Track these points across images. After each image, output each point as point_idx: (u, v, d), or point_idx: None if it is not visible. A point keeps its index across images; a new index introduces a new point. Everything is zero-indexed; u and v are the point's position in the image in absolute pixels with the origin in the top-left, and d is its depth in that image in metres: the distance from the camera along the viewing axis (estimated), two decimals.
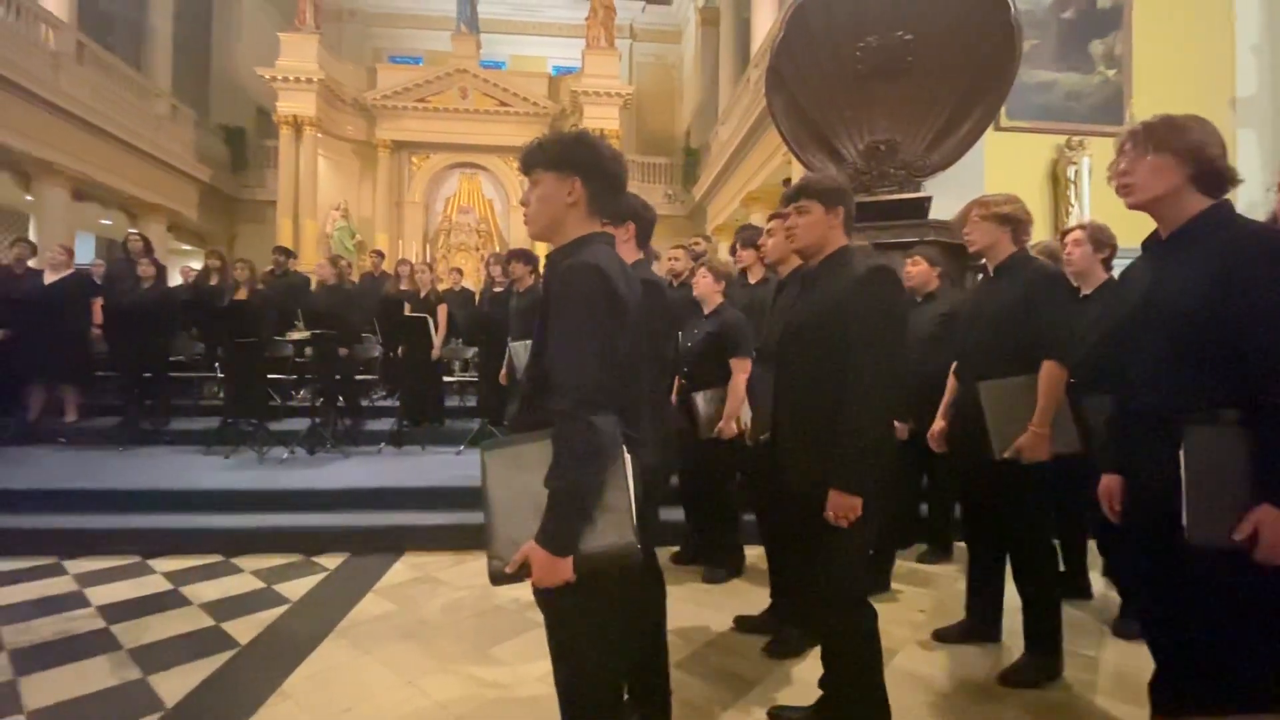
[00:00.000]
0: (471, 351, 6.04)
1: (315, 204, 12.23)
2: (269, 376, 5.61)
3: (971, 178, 4.35)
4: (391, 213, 13.32)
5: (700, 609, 2.74)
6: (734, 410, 2.85)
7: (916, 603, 2.83)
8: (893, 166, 4.38)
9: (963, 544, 2.55)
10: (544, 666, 2.15)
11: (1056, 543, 2.34)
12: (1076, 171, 5.47)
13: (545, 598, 1.27)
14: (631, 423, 1.25)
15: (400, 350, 5.57)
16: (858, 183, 4.23)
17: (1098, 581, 2.89)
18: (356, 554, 3.39)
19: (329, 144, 12.60)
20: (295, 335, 5.31)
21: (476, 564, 3.25)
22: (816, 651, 2.08)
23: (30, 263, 5.55)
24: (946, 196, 3.92)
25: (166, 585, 2.97)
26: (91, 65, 10.11)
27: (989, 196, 2.24)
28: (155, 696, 2.05)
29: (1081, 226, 2.78)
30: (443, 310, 5.81)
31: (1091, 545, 2.84)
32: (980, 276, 2.50)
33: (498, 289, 5.47)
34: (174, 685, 2.11)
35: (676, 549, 3.29)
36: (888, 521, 2.34)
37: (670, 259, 3.50)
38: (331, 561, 3.30)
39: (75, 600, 2.80)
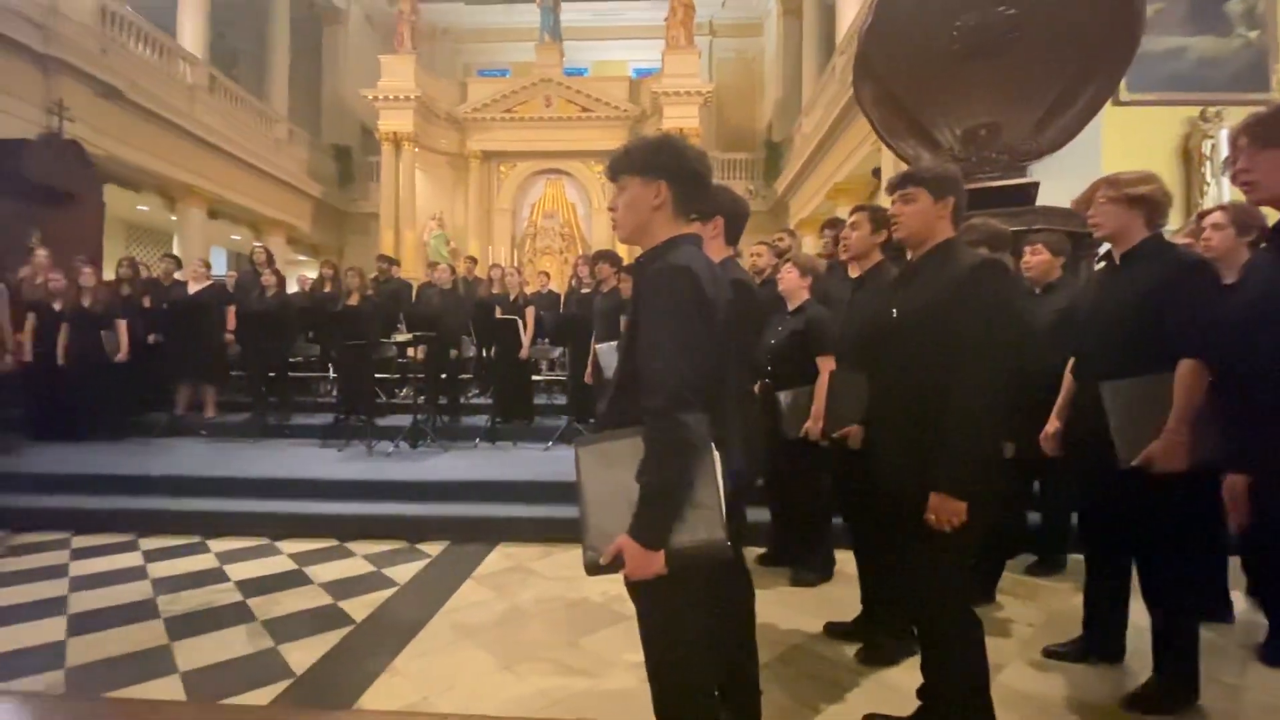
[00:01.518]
0: (558, 351, 6.24)
1: (414, 214, 13.02)
2: (376, 376, 6.03)
3: (1087, 159, 4.00)
4: (482, 220, 13.95)
5: (789, 611, 2.70)
6: (821, 409, 2.78)
7: (1024, 616, 2.65)
8: (995, 151, 4.11)
9: (1077, 555, 2.36)
10: (634, 658, 2.21)
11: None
12: (1213, 146, 4.91)
13: (637, 591, 1.30)
14: (720, 422, 1.26)
15: (492, 351, 5.84)
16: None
17: (1240, 603, 2.59)
18: (455, 542, 3.59)
19: (425, 157, 13.37)
20: (399, 337, 5.69)
21: (565, 556, 3.36)
22: (912, 660, 2.00)
23: (176, 275, 6.27)
24: (1059, 180, 3.64)
25: (292, 565, 3.27)
26: (221, 96, 11.27)
27: (1120, 175, 2.01)
28: (286, 665, 2.27)
29: (1223, 208, 2.48)
30: (530, 312, 6.04)
31: (1234, 563, 2.55)
32: (1099, 265, 2.30)
33: (584, 290, 5.61)
34: (301, 656, 2.33)
35: (763, 550, 3.26)
36: (994, 529, 2.20)
37: (752, 255, 3.46)
38: (433, 549, 3.51)
39: (216, 575, 3.13)
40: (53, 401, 5.40)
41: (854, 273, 2.99)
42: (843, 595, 2.85)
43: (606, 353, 4.21)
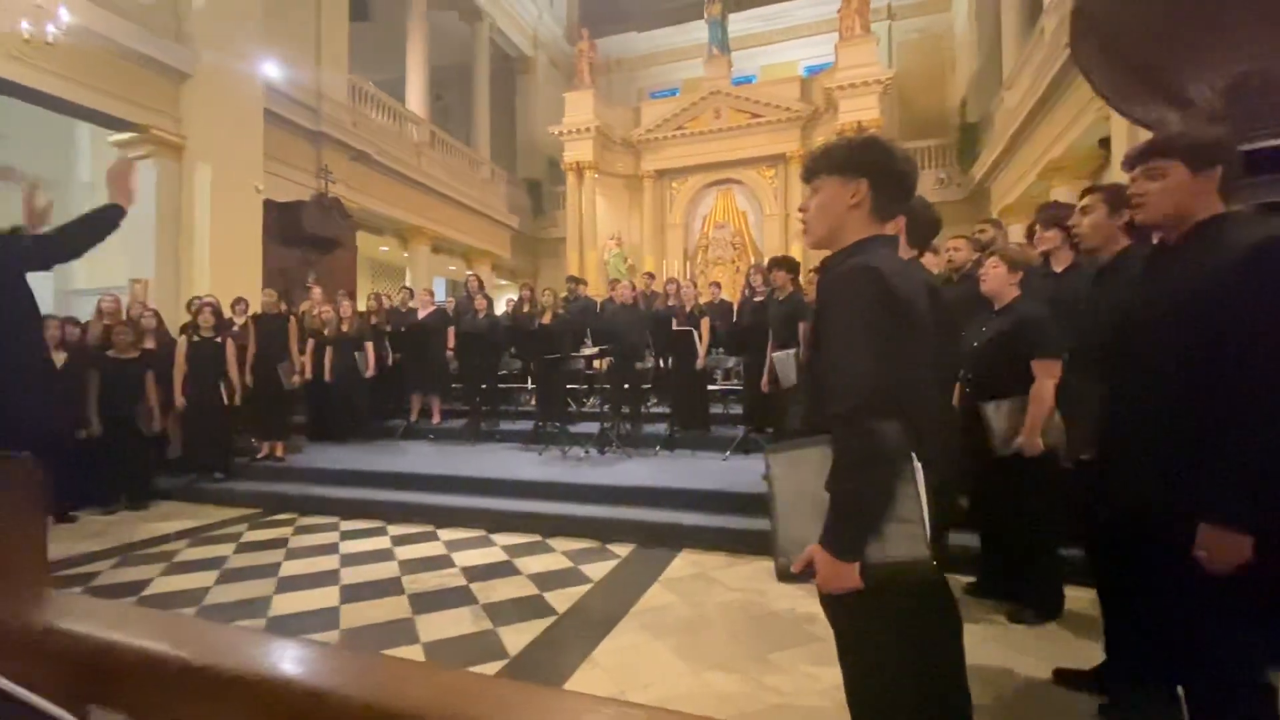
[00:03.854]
0: (733, 361, 6.25)
1: (595, 236, 13.95)
2: (568, 386, 6.56)
3: None
4: (656, 236, 14.48)
5: (1006, 651, 2.40)
6: (1038, 422, 2.44)
7: None
8: (1272, 103, 3.29)
9: None
10: (828, 679, 2.13)
11: None
12: None
13: (834, 608, 1.26)
14: (918, 432, 1.18)
15: (670, 361, 6.03)
16: None
17: None
18: (642, 546, 3.76)
19: (604, 182, 14.27)
20: (585, 351, 6.13)
21: (748, 568, 3.34)
22: None
23: (409, 303, 7.43)
24: None
25: (503, 556, 3.67)
26: (440, 149, 13.14)
27: None
28: (502, 646, 2.55)
29: None
30: (705, 323, 6.12)
31: None
32: None
33: (757, 299, 5.56)
34: (514, 639, 2.61)
35: (971, 579, 2.94)
36: None
37: (950, 249, 3.15)
38: (622, 550, 3.71)
39: (445, 561, 3.63)
40: (323, 410, 6.68)
41: (1057, 266, 2.61)
42: (1073, 637, 2.47)
43: (783, 361, 4.13)
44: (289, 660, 0.64)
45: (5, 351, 2.07)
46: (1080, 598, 2.61)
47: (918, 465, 1.15)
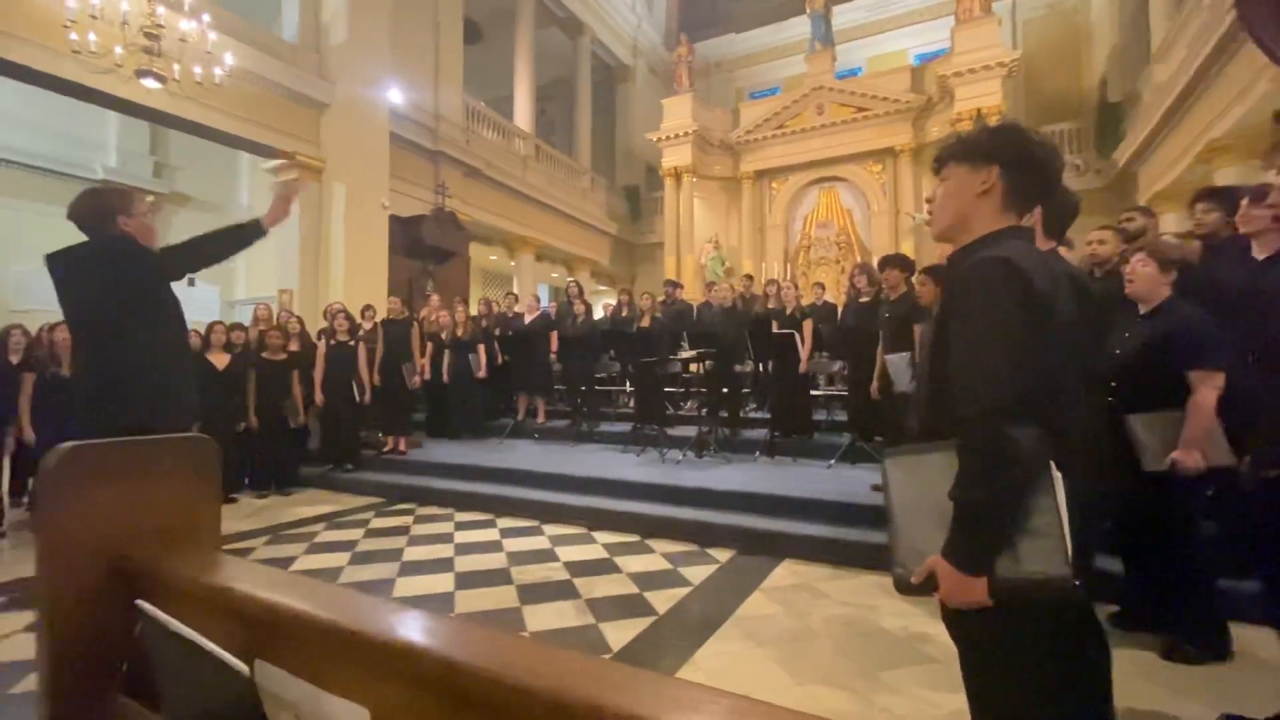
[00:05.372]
0: (837, 365, 6.02)
1: (692, 240, 13.95)
2: (665, 390, 6.60)
3: None
4: (754, 238, 14.25)
5: (1161, 691, 2.13)
6: (1197, 437, 2.16)
7: None
8: None
9: None
10: (948, 704, 2.00)
11: None
12: None
13: (959, 625, 1.18)
14: (1060, 441, 1.08)
15: (770, 365, 5.90)
16: None
17: None
18: (741, 552, 3.70)
19: (701, 185, 14.25)
20: (683, 354, 6.14)
21: (855, 582, 3.20)
22: None
23: (515, 309, 7.80)
24: None
25: (604, 554, 3.75)
26: (543, 160, 13.71)
27: None
28: (604, 641, 2.61)
29: None
30: (808, 325, 5.94)
31: None
32: None
33: (863, 299, 5.32)
34: (615, 635, 2.65)
35: (1117, 609, 2.63)
36: None
37: (1091, 243, 2.85)
38: (721, 555, 3.68)
39: (550, 555, 3.76)
40: (440, 409, 7.15)
41: (1260, 251, 2.28)
42: (1242, 680, 2.16)
43: (897, 365, 3.92)
44: (425, 630, 0.69)
45: (153, 350, 2.36)
46: (1251, 637, 2.28)
47: (1057, 475, 1.05)
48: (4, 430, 4.42)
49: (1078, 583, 1.03)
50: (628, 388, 7.54)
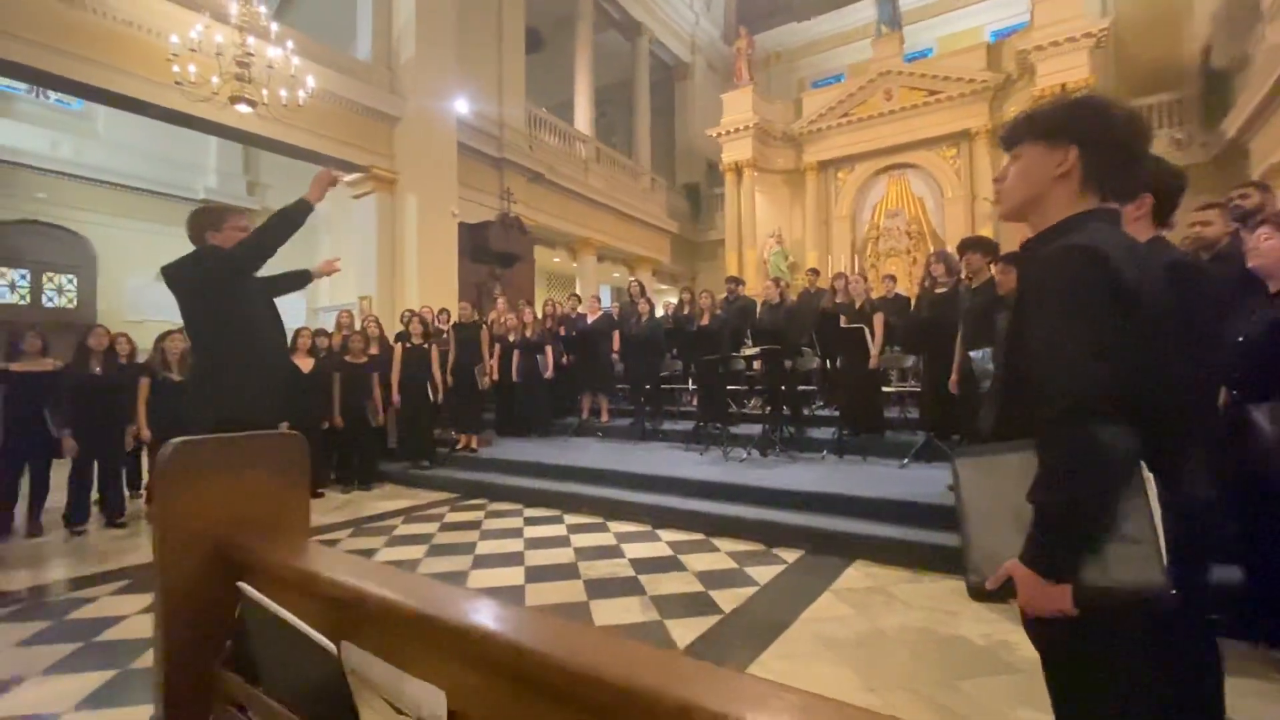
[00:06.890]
0: (911, 360, 5.78)
1: (755, 235, 13.74)
2: (728, 387, 6.54)
3: None
4: (819, 230, 13.88)
5: None
6: None
7: None
8: None
9: None
10: (1031, 717, 1.88)
11: None
12: None
13: (1042, 636, 1.11)
14: (1159, 442, 0.99)
15: (839, 361, 5.74)
16: None
17: None
18: (811, 553, 3.62)
19: (763, 179, 14.01)
20: (746, 351, 6.06)
21: (932, 586, 3.06)
22: None
23: (579, 309, 7.92)
24: None
25: (669, 551, 3.76)
26: (605, 163, 13.86)
27: None
28: (670, 638, 2.61)
29: None
30: (878, 319, 5.73)
31: None
32: None
33: (939, 289, 5.08)
34: (681, 632, 2.65)
35: (1235, 621, 2.39)
36: None
37: (1195, 224, 2.61)
38: (788, 555, 3.61)
39: (615, 551, 3.80)
40: (509, 408, 7.35)
41: None
42: None
43: (979, 360, 3.72)
44: (496, 618, 0.72)
45: (222, 349, 2.54)
46: None
47: (1149, 476, 0.97)
48: (123, 430, 4.87)
49: (1175, 591, 0.95)
50: (690, 386, 7.51)
